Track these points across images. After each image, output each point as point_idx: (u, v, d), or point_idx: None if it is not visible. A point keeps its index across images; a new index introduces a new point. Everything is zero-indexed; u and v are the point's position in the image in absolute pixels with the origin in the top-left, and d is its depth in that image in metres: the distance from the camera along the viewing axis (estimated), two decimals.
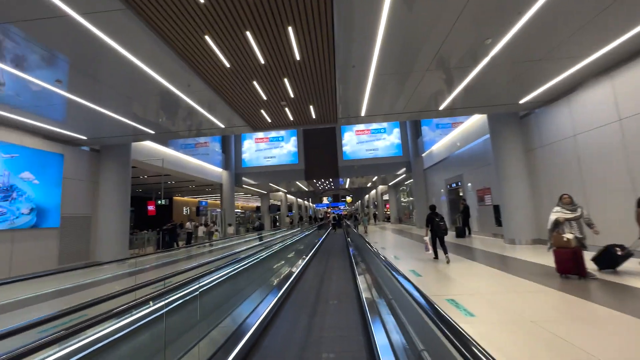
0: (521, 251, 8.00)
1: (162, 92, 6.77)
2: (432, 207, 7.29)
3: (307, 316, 4.70)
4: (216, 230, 18.78)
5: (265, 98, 7.53)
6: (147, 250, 14.02)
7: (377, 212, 36.68)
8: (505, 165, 9.63)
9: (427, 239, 7.14)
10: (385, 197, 36.94)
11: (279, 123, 9.61)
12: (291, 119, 9.20)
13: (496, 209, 11.01)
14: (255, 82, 6.75)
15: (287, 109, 8.45)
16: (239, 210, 33.20)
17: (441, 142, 16.61)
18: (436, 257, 7.15)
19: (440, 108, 8.67)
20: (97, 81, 6.26)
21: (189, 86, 6.33)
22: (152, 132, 9.29)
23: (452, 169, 15.09)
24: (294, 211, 44.55)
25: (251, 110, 8.40)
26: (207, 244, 14.83)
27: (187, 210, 30.59)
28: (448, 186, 15.70)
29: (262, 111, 8.47)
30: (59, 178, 9.19)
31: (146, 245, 14.55)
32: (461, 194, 14.37)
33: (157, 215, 18.95)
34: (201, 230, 16.33)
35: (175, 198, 30.51)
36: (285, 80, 6.78)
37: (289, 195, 39.75)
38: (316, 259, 10.79)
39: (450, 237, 12.37)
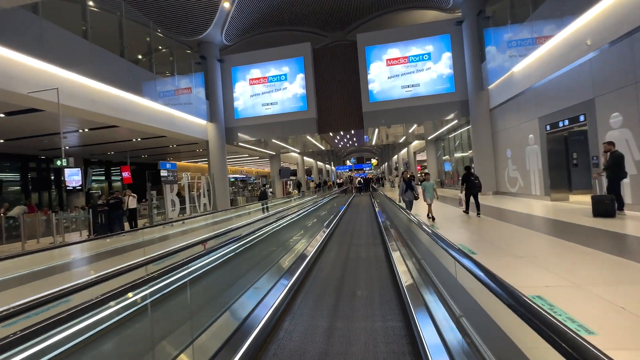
0: None
1: None
2: (467, 168, 8.28)
3: None
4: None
5: None
6: (70, 238, 9.51)
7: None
8: None
9: (462, 195, 7.77)
10: (420, 156, 30.55)
11: None
12: None
13: None
14: None
15: None
16: (241, 176, 28.41)
17: (532, 57, 10.02)
18: (466, 211, 7.78)
19: None
20: None
21: None
22: None
23: (560, 98, 8.72)
24: (313, 176, 39.68)
25: None
26: (173, 223, 10.09)
27: (187, 176, 26.42)
28: (547, 128, 9.42)
29: None
30: None
31: (80, 228, 10.05)
32: (561, 139, 8.12)
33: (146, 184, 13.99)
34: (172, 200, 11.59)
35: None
36: None
37: (306, 158, 34.46)
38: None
39: (581, 217, 6.33)
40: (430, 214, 7.53)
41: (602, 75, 7.25)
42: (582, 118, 7.96)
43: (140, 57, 14.35)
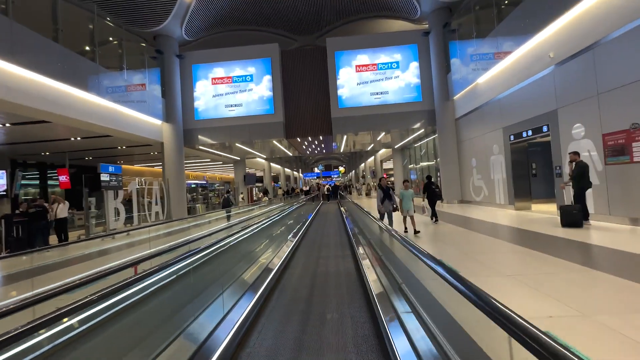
0: None
1: None
2: (429, 177, 8.74)
3: None
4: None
5: None
6: None
7: (374, 183, 30.75)
8: None
9: (424, 203, 8.54)
10: (387, 165, 31.01)
11: None
12: None
13: None
14: None
15: None
16: (202, 182, 26.76)
17: (496, 69, 10.25)
18: (436, 221, 8.06)
19: None
20: None
21: None
22: None
23: (524, 109, 8.89)
24: (280, 182, 38.84)
25: None
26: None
27: (141, 182, 24.10)
28: (512, 138, 9.59)
29: None
30: None
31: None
32: (528, 148, 8.27)
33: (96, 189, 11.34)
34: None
35: (124, 167, 23.94)
36: None
37: (273, 164, 33.42)
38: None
39: (552, 228, 6.22)
40: (410, 227, 6.81)
41: (565, 87, 7.42)
42: (545, 129, 8.11)
43: (87, 47, 12.72)
